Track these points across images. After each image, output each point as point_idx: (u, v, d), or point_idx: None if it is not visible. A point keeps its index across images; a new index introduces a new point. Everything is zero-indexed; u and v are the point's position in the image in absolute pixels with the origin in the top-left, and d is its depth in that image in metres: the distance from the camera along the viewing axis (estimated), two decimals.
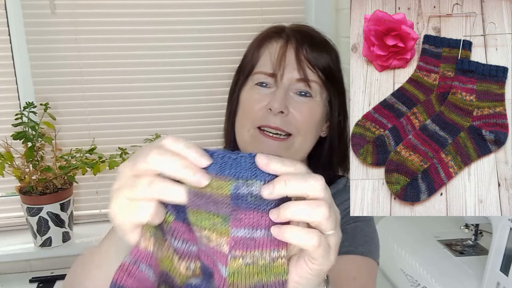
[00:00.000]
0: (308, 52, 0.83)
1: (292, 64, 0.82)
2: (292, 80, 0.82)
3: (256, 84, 0.84)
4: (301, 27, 0.89)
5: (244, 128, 0.85)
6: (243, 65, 0.90)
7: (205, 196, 0.39)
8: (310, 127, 0.84)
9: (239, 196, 0.38)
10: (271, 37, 0.87)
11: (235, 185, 0.38)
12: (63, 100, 1.75)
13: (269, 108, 0.81)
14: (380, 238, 0.90)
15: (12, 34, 1.69)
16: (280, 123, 0.81)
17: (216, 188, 0.39)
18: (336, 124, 0.88)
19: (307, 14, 1.85)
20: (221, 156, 0.40)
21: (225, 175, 0.39)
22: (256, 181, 0.39)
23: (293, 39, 0.84)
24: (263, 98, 0.82)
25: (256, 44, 0.88)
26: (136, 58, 1.77)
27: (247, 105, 0.85)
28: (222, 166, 0.39)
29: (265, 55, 0.85)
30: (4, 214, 1.80)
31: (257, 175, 0.39)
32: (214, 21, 1.79)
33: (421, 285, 1.21)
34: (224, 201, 0.39)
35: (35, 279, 1.68)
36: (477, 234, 1.32)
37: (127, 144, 1.75)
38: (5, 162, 1.58)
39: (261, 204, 0.39)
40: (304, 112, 0.82)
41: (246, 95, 0.86)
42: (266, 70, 0.83)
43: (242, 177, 0.39)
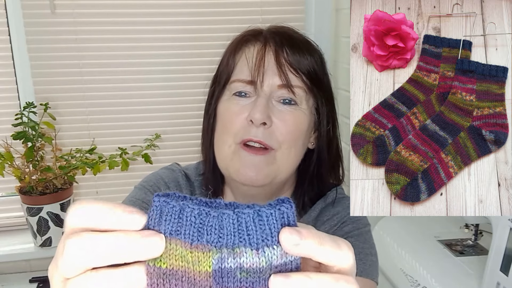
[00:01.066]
0: (289, 54, 0.75)
1: (272, 69, 0.74)
2: (274, 86, 0.74)
3: (234, 94, 0.76)
4: (280, 28, 0.80)
5: (225, 144, 0.76)
6: (218, 74, 0.81)
7: (176, 275, 0.28)
8: (296, 138, 0.76)
9: (225, 273, 0.28)
10: (247, 40, 0.79)
11: (219, 257, 0.28)
12: (63, 100, 1.75)
13: (250, 120, 0.73)
14: (380, 238, 0.89)
15: (12, 34, 1.69)
16: (263, 136, 0.73)
17: (191, 263, 0.28)
18: (325, 134, 0.80)
19: (307, 14, 1.85)
20: (197, 213, 0.28)
21: (202, 242, 0.28)
22: (245, 249, 0.28)
23: (272, 41, 0.76)
24: (243, 109, 0.74)
25: (231, 49, 0.80)
26: (136, 58, 1.77)
27: (226, 119, 0.76)
28: (199, 229, 0.28)
29: (241, 60, 0.77)
30: (4, 214, 1.80)
31: (246, 239, 0.28)
32: (214, 21, 1.79)
33: (421, 285, 1.21)
34: (203, 282, 0.28)
35: (35, 279, 1.68)
36: (477, 234, 1.32)
37: (127, 144, 1.75)
38: (5, 162, 1.58)
39: (257, 279, 0.28)
40: (288, 122, 0.74)
41: (224, 107, 0.77)
42: (244, 77, 0.75)
43: (227, 245, 0.28)
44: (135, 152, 1.73)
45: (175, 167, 0.91)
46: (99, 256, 0.27)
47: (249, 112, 0.73)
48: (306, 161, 0.82)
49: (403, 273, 1.29)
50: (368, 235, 0.84)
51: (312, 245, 0.29)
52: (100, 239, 0.27)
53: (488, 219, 1.16)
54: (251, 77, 0.74)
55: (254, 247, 0.28)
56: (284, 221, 0.29)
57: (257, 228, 0.28)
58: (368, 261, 0.80)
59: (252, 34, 0.80)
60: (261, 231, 0.28)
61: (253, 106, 0.73)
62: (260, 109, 0.72)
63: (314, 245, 0.29)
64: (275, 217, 0.29)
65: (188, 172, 0.90)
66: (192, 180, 0.89)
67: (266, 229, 0.29)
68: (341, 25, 1.83)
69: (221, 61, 0.82)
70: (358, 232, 0.82)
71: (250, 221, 0.28)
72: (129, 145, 1.74)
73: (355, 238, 0.81)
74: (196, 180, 0.89)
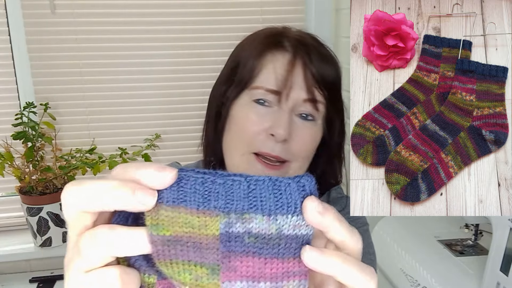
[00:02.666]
0: (316, 68, 0.73)
1: (299, 82, 0.72)
2: (299, 100, 0.73)
3: (254, 100, 0.74)
4: (305, 38, 0.78)
5: (237, 151, 0.74)
6: (236, 74, 0.77)
7: (181, 241, 0.28)
8: (309, 153, 0.76)
9: (232, 237, 0.28)
10: (273, 45, 0.75)
11: (226, 222, 0.28)
12: (63, 100, 1.75)
13: (271, 134, 0.71)
14: (380, 238, 0.89)
15: (12, 34, 1.69)
16: (280, 151, 0.72)
17: (198, 228, 0.28)
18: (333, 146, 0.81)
19: (307, 14, 1.85)
20: (201, 182, 0.29)
21: (210, 208, 0.28)
22: (256, 215, 0.28)
23: (301, 53, 0.74)
24: (262, 119, 0.72)
25: (256, 53, 0.76)
26: (136, 58, 1.77)
27: (242, 126, 0.73)
28: (205, 196, 0.28)
29: (268, 68, 0.74)
30: (4, 214, 1.80)
31: (257, 206, 0.28)
32: (214, 21, 1.79)
33: (421, 285, 1.21)
34: (210, 245, 0.28)
35: (35, 279, 1.68)
36: (477, 234, 1.32)
37: (127, 144, 1.75)
38: (5, 162, 1.58)
39: (265, 246, 0.28)
40: (306, 139, 0.74)
41: (241, 112, 0.74)
42: (270, 86, 0.72)
43: (236, 210, 0.28)
44: (135, 152, 1.73)
45: (175, 166, 0.91)
46: (90, 198, 0.28)
47: (269, 124, 0.71)
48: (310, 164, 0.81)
49: (403, 273, 1.29)
50: (366, 234, 0.84)
51: (334, 219, 0.30)
52: (95, 183, 0.29)
53: (488, 219, 1.16)
54: (278, 87, 0.72)
55: (266, 213, 0.28)
56: (306, 193, 0.29)
57: (272, 196, 0.29)
58: (366, 260, 0.79)
59: (276, 37, 0.76)
60: (276, 199, 0.29)
61: (276, 119, 0.71)
62: (285, 125, 0.71)
63: (335, 220, 0.30)
64: (293, 188, 0.29)
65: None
66: None
67: (283, 197, 0.29)
68: (341, 25, 1.83)
69: (238, 59, 0.77)
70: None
71: (265, 188, 0.29)
72: (129, 145, 1.74)
73: None
74: None
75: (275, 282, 0.29)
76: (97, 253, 0.29)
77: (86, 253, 0.29)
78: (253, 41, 0.78)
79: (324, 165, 0.83)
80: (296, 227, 0.29)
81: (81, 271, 0.30)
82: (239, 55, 0.78)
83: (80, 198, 0.29)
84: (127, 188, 0.28)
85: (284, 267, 0.29)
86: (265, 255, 0.29)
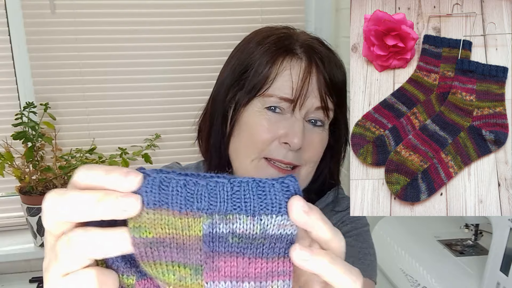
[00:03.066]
0: (328, 76, 0.73)
1: (313, 91, 0.72)
2: (312, 108, 0.72)
3: (266, 107, 0.73)
4: (314, 43, 0.76)
5: (247, 158, 0.74)
6: (246, 79, 0.75)
7: (163, 242, 0.29)
8: (319, 158, 0.77)
9: (216, 237, 0.28)
10: (286, 53, 0.73)
11: (210, 223, 0.28)
12: (63, 100, 1.75)
13: (284, 142, 0.71)
14: (380, 238, 0.89)
15: (12, 34, 1.69)
16: (293, 158, 0.72)
17: (181, 229, 0.28)
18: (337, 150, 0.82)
19: (307, 14, 1.85)
20: (183, 184, 0.29)
21: (192, 209, 0.28)
22: (239, 216, 0.29)
23: (315, 60, 0.73)
24: (274, 126, 0.72)
25: (268, 59, 0.73)
26: (136, 58, 1.77)
27: (254, 132, 0.72)
28: (187, 198, 0.28)
29: (283, 76, 0.72)
30: (4, 214, 1.80)
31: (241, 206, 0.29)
32: (214, 21, 1.79)
33: (421, 285, 1.21)
34: (193, 246, 0.29)
35: (35, 279, 1.68)
36: (477, 234, 1.32)
37: (127, 144, 1.75)
38: (5, 162, 1.58)
39: (249, 246, 0.29)
40: (317, 145, 0.75)
41: (253, 119, 0.73)
42: (284, 95, 0.71)
43: (219, 211, 0.28)
44: (135, 152, 1.73)
45: (175, 166, 0.91)
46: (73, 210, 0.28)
47: (283, 132, 0.71)
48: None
49: (403, 273, 1.29)
50: (367, 235, 0.84)
51: (318, 218, 0.31)
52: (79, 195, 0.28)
53: (488, 219, 1.16)
54: (293, 96, 0.71)
55: (250, 214, 0.29)
56: (291, 193, 0.30)
57: (256, 197, 0.29)
58: (366, 261, 0.80)
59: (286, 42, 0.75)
60: (260, 199, 0.29)
61: (290, 127, 0.71)
62: (300, 135, 0.70)
63: (320, 220, 0.31)
64: (278, 188, 0.30)
65: (188, 172, 0.90)
66: None
67: (267, 198, 0.29)
68: (341, 25, 1.83)
69: (248, 63, 0.75)
70: (357, 232, 0.82)
71: (249, 189, 0.29)
72: (129, 145, 1.74)
73: (354, 238, 0.81)
74: None
75: (259, 282, 0.29)
76: (74, 256, 0.29)
77: (63, 257, 0.29)
78: (261, 44, 0.76)
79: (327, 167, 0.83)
80: (281, 227, 0.29)
81: (59, 275, 0.30)
82: (249, 59, 0.76)
83: (64, 209, 0.29)
84: (111, 197, 0.28)
85: (269, 267, 0.29)
86: (249, 255, 0.29)
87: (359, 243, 0.81)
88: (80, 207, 0.28)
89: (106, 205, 0.28)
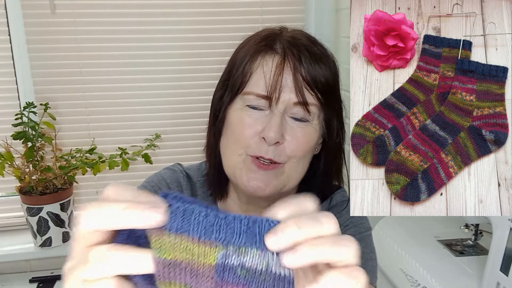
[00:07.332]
0: (306, 70, 0.72)
1: (289, 85, 0.72)
2: (289, 103, 0.72)
3: (247, 105, 0.74)
4: (297, 38, 0.76)
5: (234, 153, 0.75)
6: (230, 77, 0.77)
7: (180, 265, 0.31)
8: (305, 153, 0.76)
9: (227, 268, 0.30)
10: (265, 50, 0.75)
11: (224, 253, 0.30)
12: (63, 100, 1.75)
13: (262, 137, 0.72)
14: (380, 238, 0.89)
15: (12, 34, 1.69)
16: (273, 154, 0.72)
17: (197, 256, 0.31)
18: (333, 145, 0.80)
19: (307, 14, 1.85)
20: (204, 215, 0.31)
21: (210, 239, 0.31)
22: (251, 249, 0.31)
23: (290, 55, 0.73)
24: (255, 122, 0.73)
25: (247, 55, 0.76)
26: (136, 58, 1.77)
27: (238, 129, 0.74)
28: (207, 228, 0.31)
29: (258, 73, 0.74)
30: (4, 214, 1.80)
31: (253, 241, 0.31)
32: (214, 21, 1.79)
33: (421, 285, 1.21)
34: (206, 273, 0.31)
35: (35, 279, 1.68)
36: (477, 234, 1.32)
37: (127, 144, 1.75)
38: (5, 162, 1.58)
39: (254, 280, 0.31)
40: (300, 139, 0.74)
41: (236, 116, 0.75)
42: (259, 91, 0.73)
43: (234, 243, 0.31)
44: (135, 152, 1.73)
45: (176, 168, 0.91)
46: (106, 218, 0.31)
47: (262, 128, 0.72)
48: (311, 166, 0.81)
49: (403, 273, 1.29)
50: (369, 240, 0.84)
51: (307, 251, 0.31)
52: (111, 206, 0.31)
53: (488, 219, 1.16)
54: (267, 92, 0.72)
55: (260, 248, 0.31)
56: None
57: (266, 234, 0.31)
58: (368, 266, 0.80)
59: (269, 40, 0.76)
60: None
61: (267, 123, 0.72)
62: (275, 128, 0.71)
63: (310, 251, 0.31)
64: None
65: (190, 173, 0.90)
66: (194, 181, 0.89)
67: None
68: (341, 25, 1.83)
69: (233, 63, 0.78)
70: (360, 237, 0.81)
71: (262, 227, 0.31)
72: (129, 145, 1.74)
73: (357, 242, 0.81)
74: (198, 181, 0.89)
75: None
76: (103, 269, 0.31)
77: (92, 266, 0.31)
78: (247, 44, 0.78)
79: (326, 166, 0.82)
80: (281, 267, 0.31)
81: (81, 279, 0.32)
82: (235, 59, 0.78)
83: (99, 218, 0.31)
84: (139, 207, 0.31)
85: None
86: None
87: (361, 247, 0.80)
88: (111, 215, 0.31)
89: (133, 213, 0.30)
